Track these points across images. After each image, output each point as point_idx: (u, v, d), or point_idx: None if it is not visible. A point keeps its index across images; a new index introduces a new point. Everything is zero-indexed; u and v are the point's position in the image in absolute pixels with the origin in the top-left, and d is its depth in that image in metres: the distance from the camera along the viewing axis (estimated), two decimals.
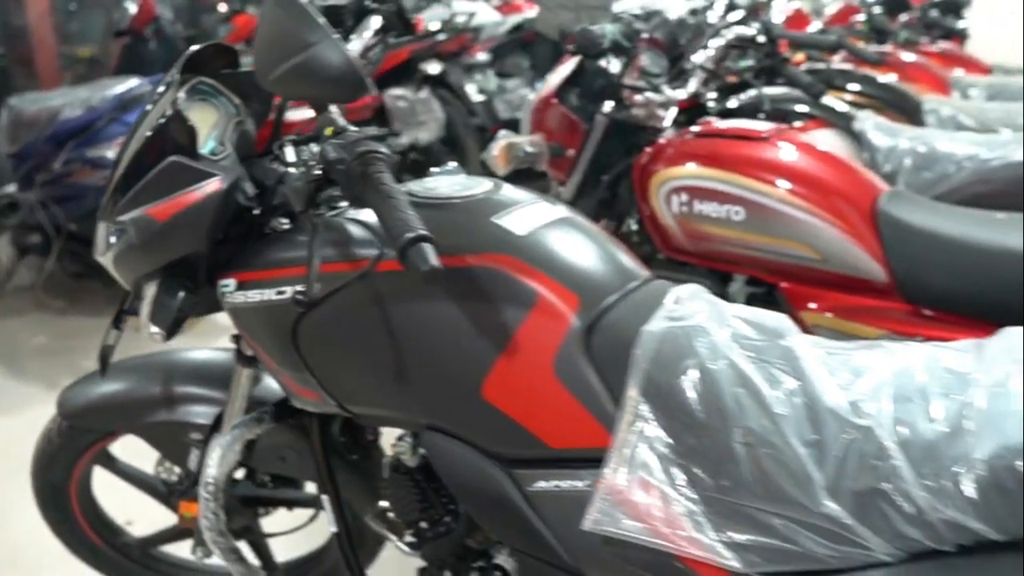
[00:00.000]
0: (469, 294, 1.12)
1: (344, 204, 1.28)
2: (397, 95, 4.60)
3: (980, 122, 2.89)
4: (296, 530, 1.72)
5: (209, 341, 1.84)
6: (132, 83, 3.71)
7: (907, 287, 1.80)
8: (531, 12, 6.36)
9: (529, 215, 1.20)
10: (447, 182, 1.26)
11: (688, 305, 1.10)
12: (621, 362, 1.05)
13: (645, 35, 2.12)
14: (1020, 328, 0.98)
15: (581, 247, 1.20)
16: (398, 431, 1.33)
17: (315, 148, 1.22)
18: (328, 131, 1.19)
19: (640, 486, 0.99)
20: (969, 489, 0.83)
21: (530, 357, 1.10)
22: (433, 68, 4.80)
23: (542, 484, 1.09)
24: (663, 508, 0.98)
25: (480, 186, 1.24)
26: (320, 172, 1.17)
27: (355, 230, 1.20)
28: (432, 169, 1.35)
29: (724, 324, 1.06)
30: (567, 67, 2.25)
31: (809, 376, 0.97)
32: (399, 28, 1.56)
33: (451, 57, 5.02)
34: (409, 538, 1.38)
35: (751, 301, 1.98)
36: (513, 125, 2.73)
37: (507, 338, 1.10)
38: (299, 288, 1.12)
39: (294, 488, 1.75)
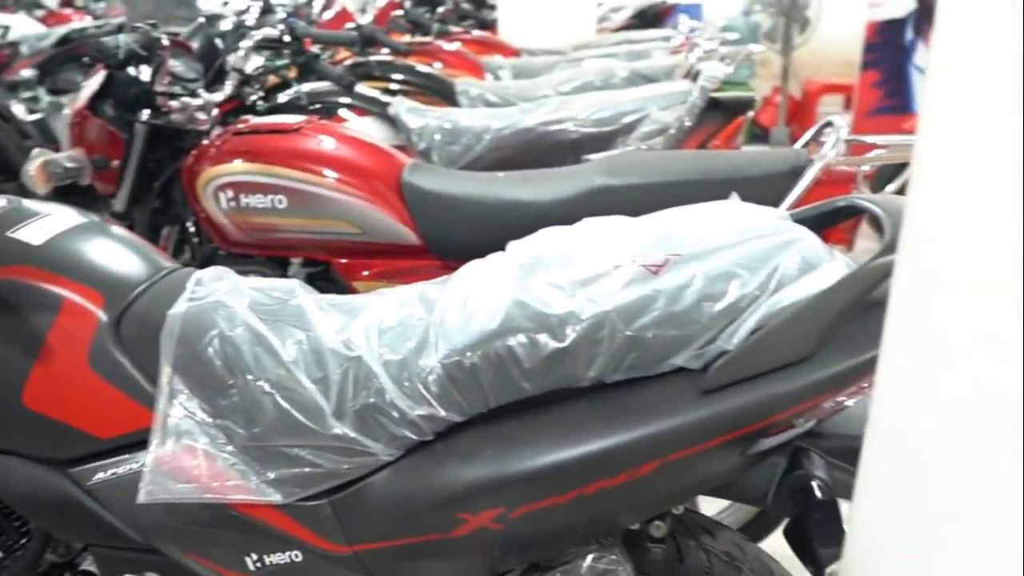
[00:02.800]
0: None
1: None
2: None
3: (503, 98, 3.27)
4: None
5: None
6: None
7: (434, 245, 2.04)
8: (80, 23, 6.00)
9: (46, 225, 1.23)
10: None
11: (209, 286, 1.18)
12: (152, 346, 1.12)
13: (166, 42, 2.17)
14: (480, 260, 1.21)
15: (101, 248, 1.25)
16: None
17: None
18: None
19: (186, 452, 1.07)
20: (434, 386, 1.02)
21: (65, 358, 1.14)
22: None
23: (101, 476, 1.13)
24: (209, 466, 1.07)
25: None
26: None
27: None
28: None
29: (242, 296, 1.16)
30: (97, 79, 2.23)
31: (314, 326, 1.12)
32: None
33: None
34: None
35: (311, 280, 2.13)
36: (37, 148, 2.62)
37: (39, 344, 1.13)
38: None
39: None
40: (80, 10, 6.54)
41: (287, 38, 2.60)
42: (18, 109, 4.62)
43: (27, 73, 4.98)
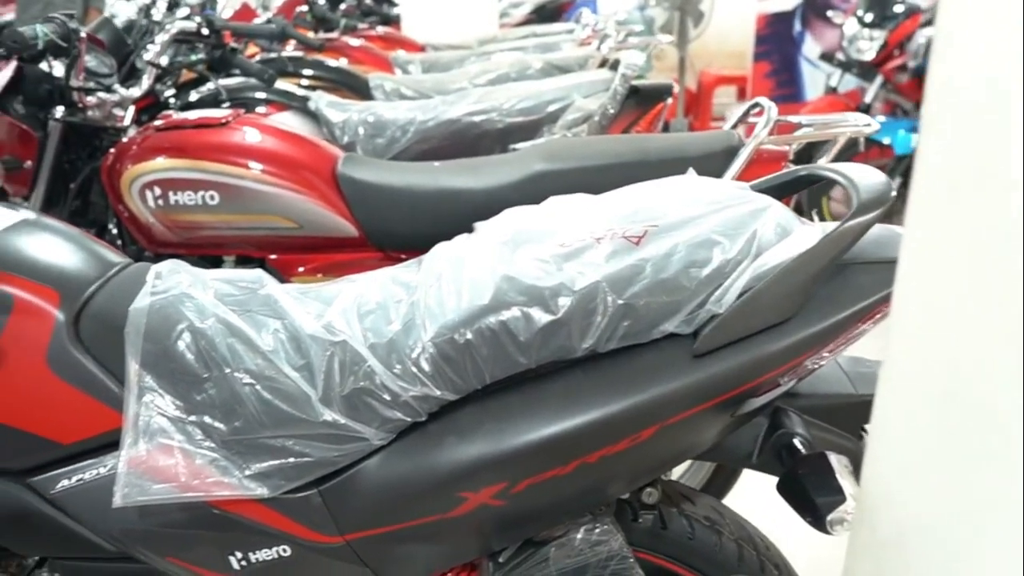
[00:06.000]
0: None
1: None
2: None
3: (418, 91, 3.26)
4: None
5: None
6: None
7: (374, 237, 2.02)
8: None
9: None
10: None
11: (170, 279, 1.14)
12: (116, 344, 1.07)
13: (83, 34, 2.07)
14: (448, 242, 1.21)
15: (50, 244, 1.19)
16: None
17: None
18: None
19: (161, 451, 1.03)
20: (426, 366, 1.01)
21: (20, 361, 1.08)
22: None
23: (64, 483, 1.08)
24: (187, 464, 1.03)
25: None
26: None
27: None
28: None
29: (206, 288, 1.12)
30: (5, 73, 2.11)
31: (288, 313, 1.09)
32: None
33: None
34: None
35: None
36: None
37: None
38: None
39: None
40: None
41: (205, 31, 2.52)
42: None
43: None
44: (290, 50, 3.72)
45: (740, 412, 1.07)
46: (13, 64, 2.05)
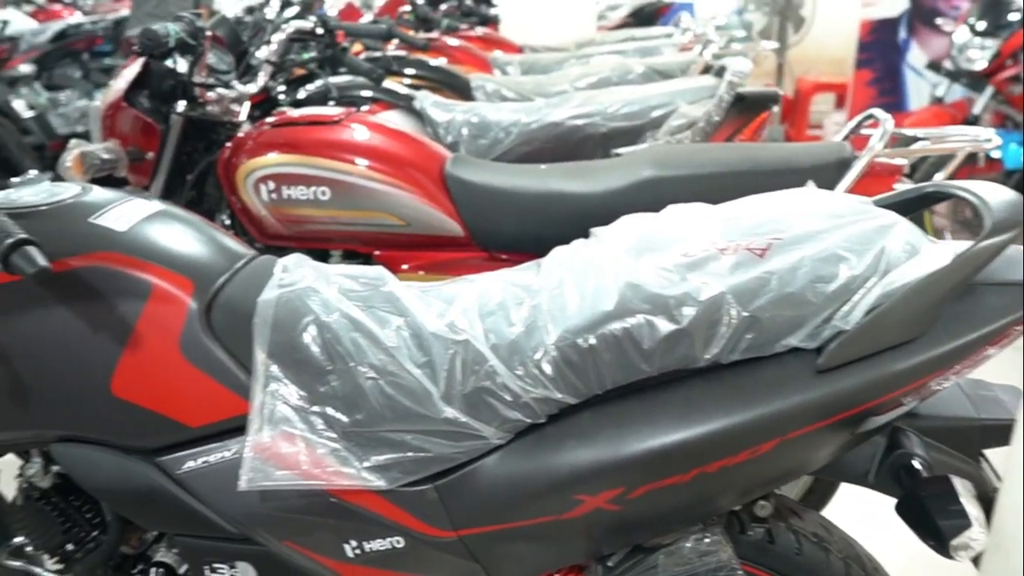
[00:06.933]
0: (80, 296, 1.12)
1: None
2: None
3: (519, 93, 3.29)
4: None
5: None
6: None
7: (479, 237, 2.05)
8: (73, 19, 5.94)
9: (126, 212, 1.22)
10: (31, 191, 1.23)
11: (296, 272, 1.18)
12: (244, 333, 1.11)
13: (208, 33, 2.15)
14: (566, 246, 1.22)
15: (184, 235, 1.24)
16: (17, 464, 1.28)
17: None
18: None
19: (284, 439, 1.06)
20: (548, 369, 1.03)
21: (155, 346, 1.12)
22: None
23: (191, 464, 1.13)
24: (309, 453, 1.06)
25: (68, 191, 1.23)
26: None
27: None
28: (12, 180, 1.30)
29: (330, 283, 1.16)
30: (132, 70, 2.20)
31: (411, 312, 1.12)
32: None
33: None
34: (55, 565, 1.32)
35: None
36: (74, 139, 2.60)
37: (128, 332, 1.12)
38: None
39: None
40: (69, 6, 6.45)
41: (320, 31, 2.59)
42: (18, 104, 4.56)
43: (25, 69, 4.94)
44: (392, 49, 3.79)
45: (860, 430, 1.05)
46: (141, 60, 2.14)
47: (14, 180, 1.30)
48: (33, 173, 1.33)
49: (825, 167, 1.89)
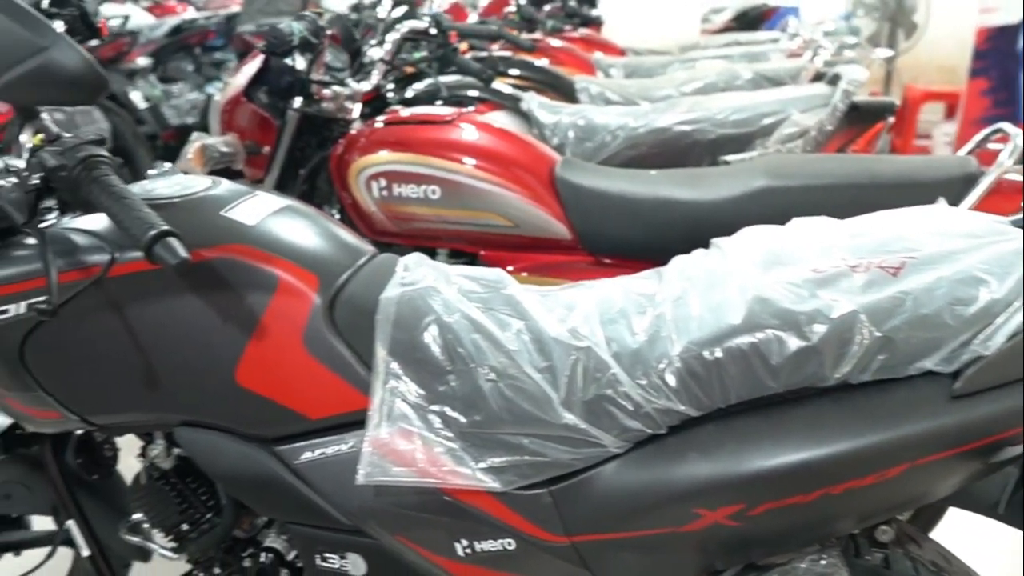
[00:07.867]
0: (210, 286, 1.15)
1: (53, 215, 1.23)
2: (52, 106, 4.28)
3: (623, 96, 3.26)
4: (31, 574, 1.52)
5: None
6: None
7: (587, 241, 2.05)
8: (188, 15, 6.15)
9: (254, 206, 1.25)
10: (165, 183, 1.27)
11: (416, 271, 1.20)
12: (366, 330, 1.13)
13: (328, 31, 2.20)
14: (687, 255, 1.21)
15: (310, 230, 1.27)
16: (139, 444, 1.32)
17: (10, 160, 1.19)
18: (36, 139, 1.16)
19: (402, 436, 1.08)
20: (671, 380, 1.02)
21: (279, 338, 1.15)
22: None
23: (308, 455, 1.15)
24: (425, 451, 1.08)
25: (200, 184, 1.26)
26: (38, 181, 1.15)
27: (79, 238, 1.17)
28: (149, 172, 1.35)
29: (451, 283, 1.17)
30: (252, 66, 2.27)
31: (532, 315, 1.12)
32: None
33: (108, 64, 4.74)
34: (170, 543, 1.36)
35: None
36: (184, 131, 2.69)
37: (254, 323, 1.15)
38: (38, 300, 1.11)
39: (18, 529, 1.63)
40: (183, 1, 6.68)
41: (433, 31, 2.62)
42: (135, 96, 4.75)
43: (143, 62, 5.13)
44: (496, 49, 3.81)
45: (993, 460, 1.01)
46: (261, 57, 2.21)
47: (150, 172, 1.34)
48: (167, 166, 1.38)
49: (949, 182, 1.83)
